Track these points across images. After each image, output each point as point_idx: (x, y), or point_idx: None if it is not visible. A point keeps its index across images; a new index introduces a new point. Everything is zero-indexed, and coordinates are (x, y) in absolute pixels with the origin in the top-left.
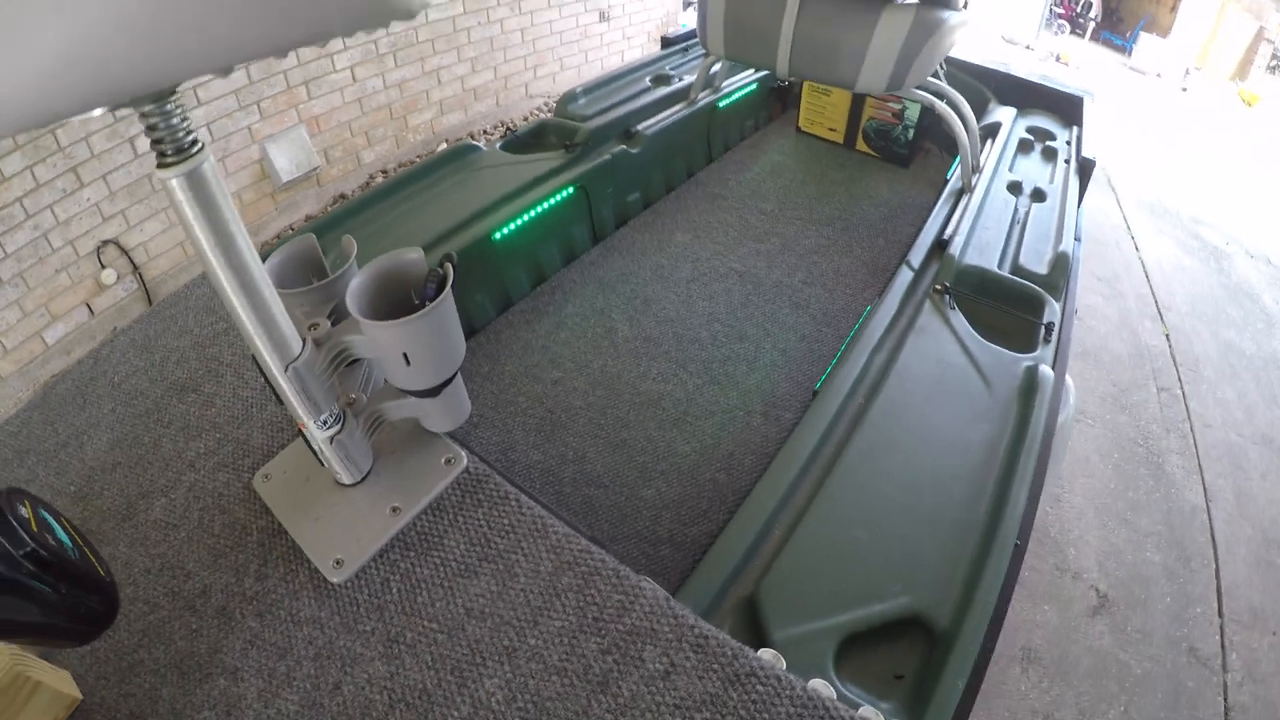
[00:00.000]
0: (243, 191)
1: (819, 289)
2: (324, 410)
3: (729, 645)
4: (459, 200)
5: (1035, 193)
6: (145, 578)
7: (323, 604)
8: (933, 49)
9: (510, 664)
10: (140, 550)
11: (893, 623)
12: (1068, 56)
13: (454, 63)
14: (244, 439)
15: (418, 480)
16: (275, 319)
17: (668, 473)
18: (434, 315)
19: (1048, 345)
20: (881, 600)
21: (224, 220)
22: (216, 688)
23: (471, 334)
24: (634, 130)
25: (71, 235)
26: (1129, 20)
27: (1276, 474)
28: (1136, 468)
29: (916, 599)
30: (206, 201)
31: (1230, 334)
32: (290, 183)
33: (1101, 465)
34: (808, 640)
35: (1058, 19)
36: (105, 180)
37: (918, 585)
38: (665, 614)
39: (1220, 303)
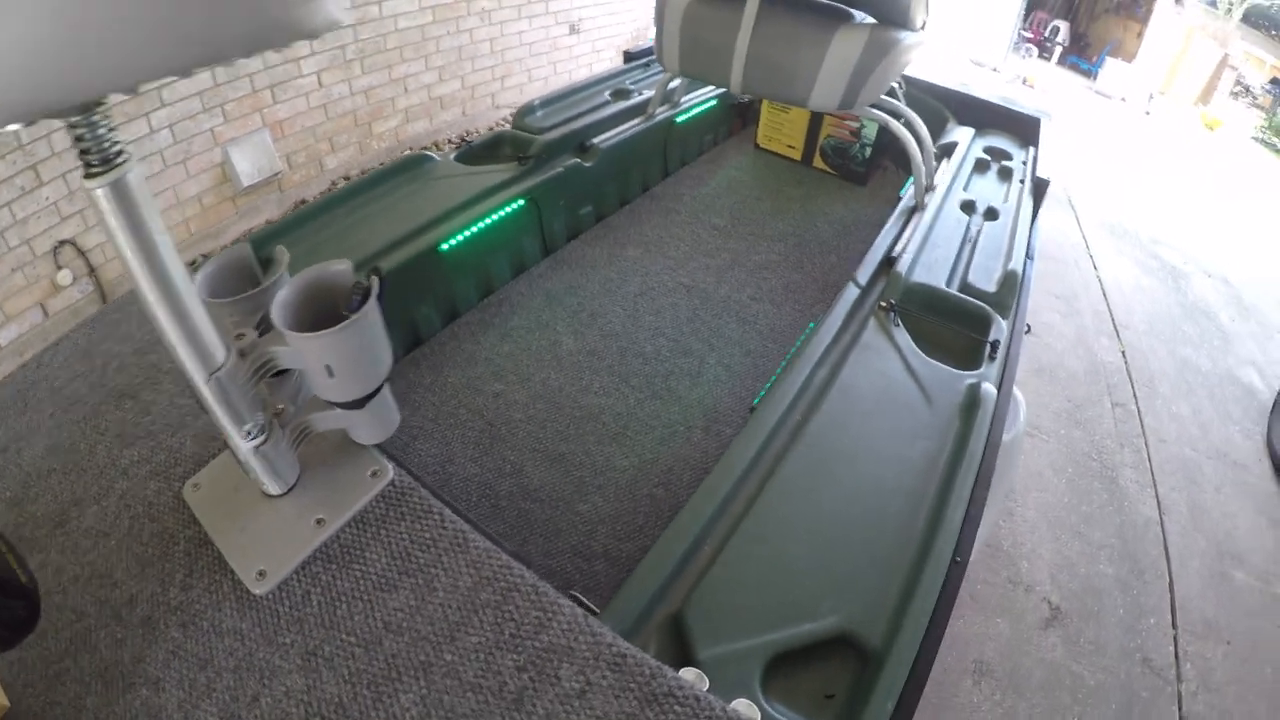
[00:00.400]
0: (203, 194)
1: (767, 304)
2: (247, 421)
3: (647, 664)
4: (410, 210)
5: (988, 211)
6: (74, 585)
7: (244, 615)
8: (886, 69)
9: (426, 679)
10: (71, 558)
11: (823, 641)
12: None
13: (421, 70)
14: (177, 447)
15: (343, 492)
16: (198, 329)
17: (605, 487)
18: (356, 328)
19: (993, 363)
20: (813, 618)
21: (148, 230)
22: (139, 698)
23: (417, 344)
24: (589, 144)
25: (29, 234)
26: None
27: (1230, 487)
28: (1090, 481)
29: (848, 617)
30: (131, 211)
31: (1187, 351)
32: (251, 187)
33: (1055, 479)
34: (734, 659)
35: (1025, 43)
36: (65, 179)
37: (850, 603)
38: (583, 631)
39: (1177, 321)
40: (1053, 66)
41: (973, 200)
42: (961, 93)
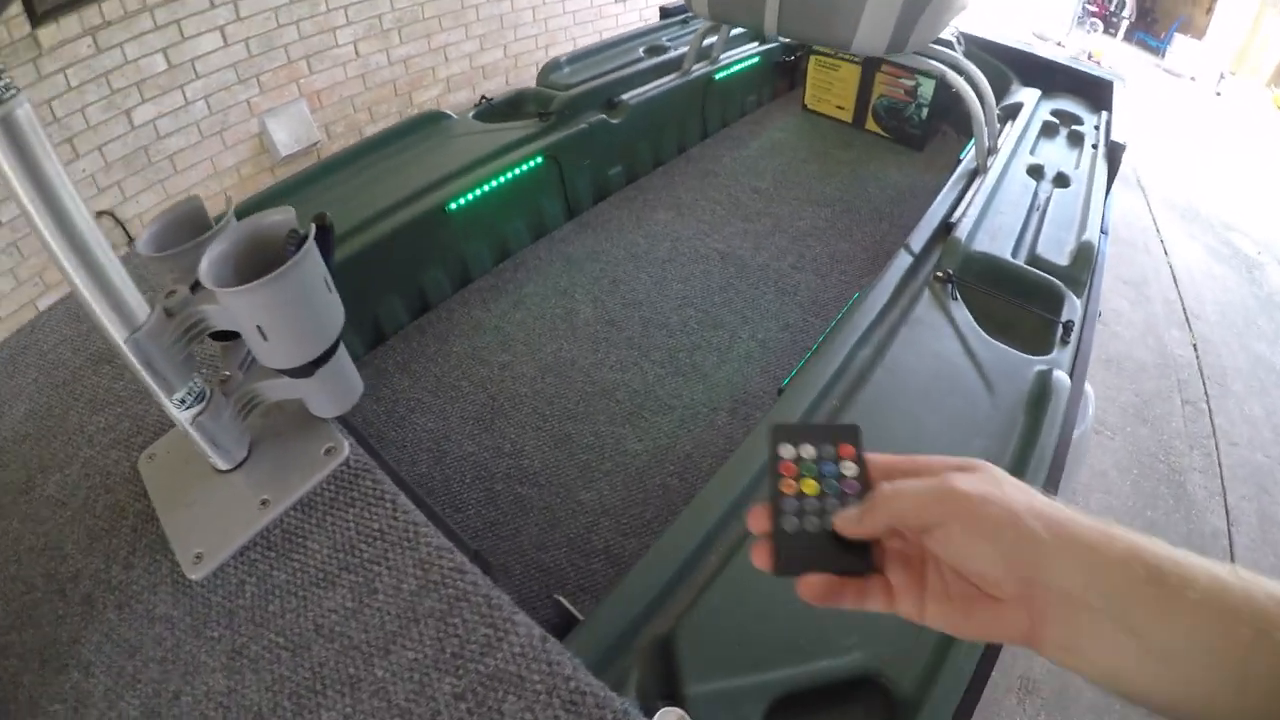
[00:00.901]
0: (241, 165)
1: (810, 274)
2: (178, 388)
3: (612, 707)
4: (420, 169)
5: (1058, 178)
6: (29, 556)
7: (177, 601)
8: (942, 6)
9: (352, 696)
10: (30, 527)
11: (842, 683)
12: (1099, 54)
13: (461, 39)
14: (141, 415)
15: (293, 471)
16: (111, 283)
17: (612, 474)
18: (286, 281)
19: (1065, 347)
20: (830, 654)
21: (45, 173)
22: (70, 680)
23: (425, 310)
24: (617, 100)
25: None
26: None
27: None
28: (1156, 485)
29: (875, 655)
30: (24, 150)
31: (1260, 347)
32: (290, 157)
33: (1120, 480)
34: (730, 698)
35: (1090, 16)
36: (101, 151)
37: (878, 639)
38: (538, 658)
39: (1251, 313)
40: (1118, 42)
41: (1041, 165)
42: (1026, 51)
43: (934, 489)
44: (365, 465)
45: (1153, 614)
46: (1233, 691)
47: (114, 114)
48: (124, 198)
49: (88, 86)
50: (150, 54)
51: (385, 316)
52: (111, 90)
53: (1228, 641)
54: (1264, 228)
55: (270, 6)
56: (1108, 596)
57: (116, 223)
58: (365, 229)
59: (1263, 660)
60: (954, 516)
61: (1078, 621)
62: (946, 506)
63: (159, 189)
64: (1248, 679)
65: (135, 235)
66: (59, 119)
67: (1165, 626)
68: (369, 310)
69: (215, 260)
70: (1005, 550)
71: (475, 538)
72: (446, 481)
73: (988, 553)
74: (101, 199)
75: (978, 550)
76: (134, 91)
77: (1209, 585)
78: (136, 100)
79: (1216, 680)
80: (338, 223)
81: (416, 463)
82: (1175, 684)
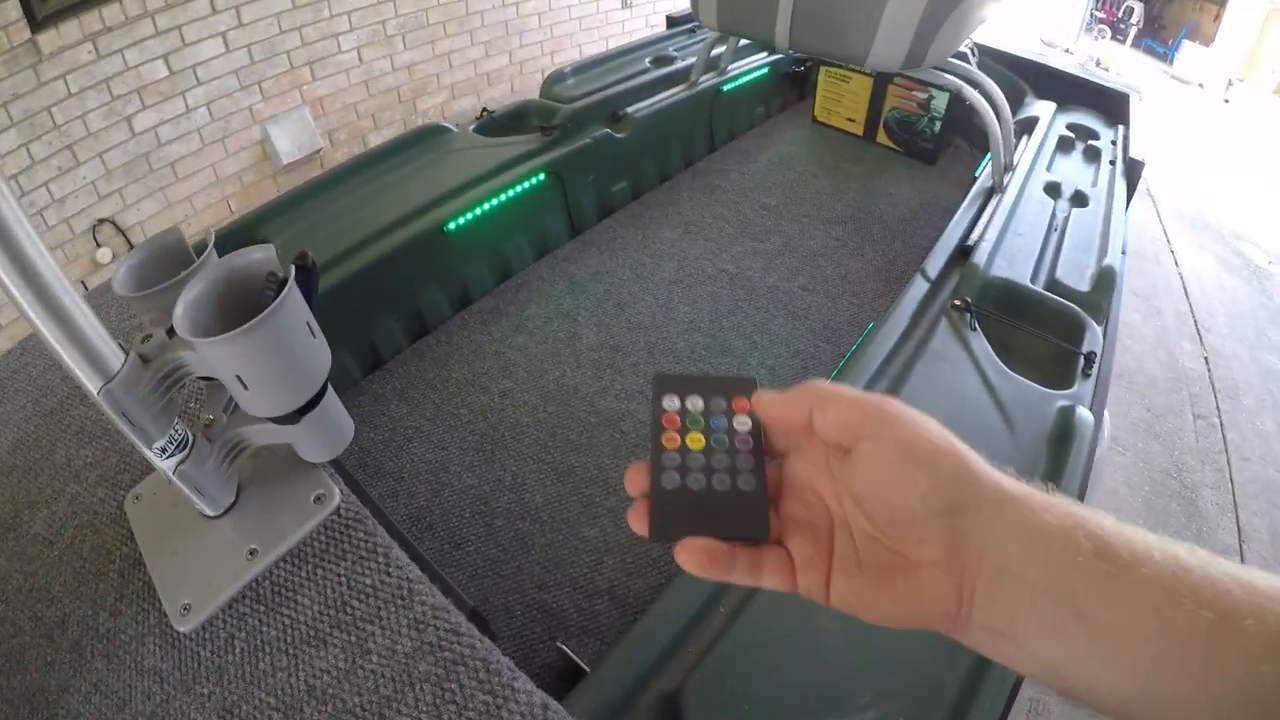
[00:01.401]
0: (243, 173)
1: (821, 296)
2: (158, 437)
3: None
4: (418, 186)
5: (1076, 196)
6: (17, 597)
7: (166, 654)
8: (960, 19)
9: None
10: (17, 566)
11: None
12: (1108, 61)
13: (466, 46)
14: (128, 450)
15: (281, 519)
16: (81, 332)
17: (617, 510)
18: (264, 330)
19: (1086, 380)
20: (844, 713)
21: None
22: None
23: (423, 334)
24: (622, 113)
25: (67, 213)
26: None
27: None
28: (1168, 502)
29: (891, 713)
30: None
31: (1272, 359)
32: (292, 164)
33: (1131, 498)
34: None
35: (1098, 23)
36: (102, 159)
37: (898, 692)
38: None
39: (1262, 325)
40: (1126, 49)
41: (1058, 183)
42: (1039, 63)
43: (874, 399)
44: (357, 514)
45: (1100, 593)
46: (1193, 687)
47: (114, 121)
48: (124, 205)
49: (88, 93)
50: (151, 60)
51: (383, 340)
52: (112, 96)
53: (1188, 628)
54: (1274, 237)
55: (273, 12)
56: (1047, 570)
57: (117, 230)
58: (361, 250)
59: (1229, 651)
60: (889, 432)
61: (1012, 598)
62: (884, 421)
63: (160, 196)
64: (1211, 672)
65: (136, 243)
66: (59, 126)
67: (1115, 608)
68: (366, 334)
69: (191, 305)
70: (940, 483)
71: (475, 576)
72: (445, 515)
73: (920, 483)
74: (102, 206)
75: (909, 478)
76: (135, 98)
77: (1164, 563)
78: (137, 107)
79: (1175, 673)
80: (332, 243)
81: (414, 495)
82: (1126, 677)
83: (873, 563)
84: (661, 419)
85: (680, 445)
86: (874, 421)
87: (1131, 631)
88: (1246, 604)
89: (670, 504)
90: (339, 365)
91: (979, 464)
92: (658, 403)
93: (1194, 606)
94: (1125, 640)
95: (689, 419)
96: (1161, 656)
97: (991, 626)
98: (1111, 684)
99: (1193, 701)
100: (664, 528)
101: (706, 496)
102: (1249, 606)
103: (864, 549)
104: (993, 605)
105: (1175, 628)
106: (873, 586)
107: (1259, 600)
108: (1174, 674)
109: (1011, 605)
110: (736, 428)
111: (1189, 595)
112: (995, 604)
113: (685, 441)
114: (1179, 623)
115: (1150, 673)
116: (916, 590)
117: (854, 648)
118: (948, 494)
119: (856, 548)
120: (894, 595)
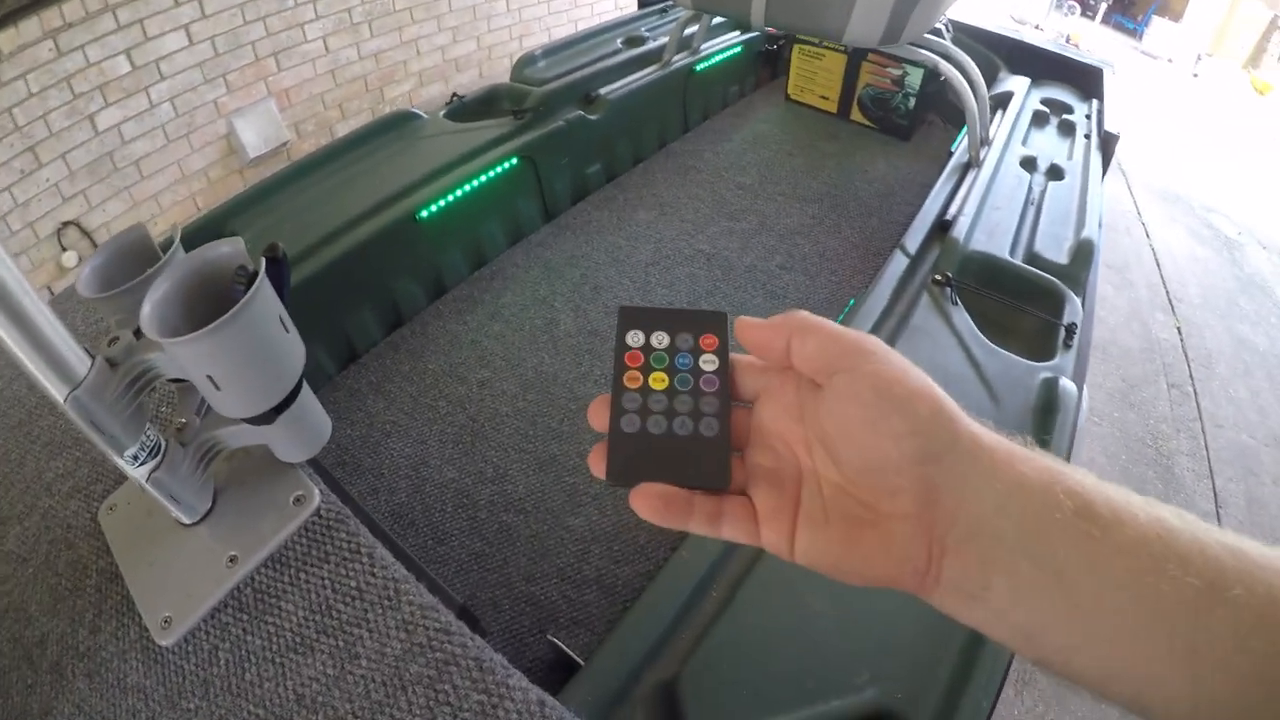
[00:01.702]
0: (209, 168)
1: (799, 275)
2: (129, 444)
3: None
4: (389, 174)
5: (1052, 170)
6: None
7: (149, 670)
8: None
9: None
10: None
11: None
12: (1078, 38)
13: (434, 32)
14: (100, 459)
15: (260, 524)
16: (44, 337)
17: (601, 497)
18: (234, 327)
19: (1068, 351)
20: (842, 693)
21: None
22: None
23: (398, 325)
24: (594, 95)
25: (30, 217)
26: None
27: None
28: (1145, 469)
29: (888, 692)
30: None
31: (1244, 329)
32: (259, 158)
33: (1109, 466)
34: None
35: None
36: (65, 159)
37: (892, 672)
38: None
39: (1233, 295)
40: (1096, 25)
41: (1034, 156)
42: (1013, 38)
43: (855, 334)
44: (339, 515)
45: (1081, 555)
46: (1179, 658)
47: (77, 119)
48: (89, 206)
49: (50, 92)
50: (113, 56)
51: (357, 333)
52: (74, 95)
53: (1173, 595)
54: (1243, 209)
55: (236, 3)
56: (1024, 527)
57: (83, 233)
58: (332, 241)
59: (1218, 622)
60: (867, 367)
61: (987, 555)
62: (862, 355)
63: (125, 196)
64: (1197, 646)
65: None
66: (20, 127)
67: (1095, 571)
68: (339, 327)
69: (158, 303)
70: (916, 426)
71: (461, 571)
72: (427, 511)
73: (895, 425)
74: (67, 209)
75: (884, 418)
76: (97, 95)
77: (1149, 525)
78: (100, 104)
79: (1159, 643)
80: (303, 235)
81: (395, 491)
82: (1106, 649)
83: (840, 516)
84: (625, 356)
85: (642, 385)
86: (852, 355)
87: (1113, 598)
88: (1235, 572)
89: (629, 447)
90: (312, 360)
91: (956, 411)
92: (621, 338)
93: (1179, 573)
94: (1106, 607)
95: (653, 356)
96: (1145, 627)
97: (964, 587)
98: (1091, 656)
99: (1175, 676)
100: (622, 472)
101: (667, 441)
102: (1238, 574)
103: (832, 501)
104: (965, 563)
105: (1159, 595)
106: (839, 542)
107: (1249, 568)
108: (1157, 647)
109: (986, 563)
110: (703, 367)
111: (1175, 561)
112: (968, 562)
113: (648, 381)
114: (1163, 590)
115: (1132, 644)
116: (885, 545)
117: (847, 629)
118: (922, 439)
119: (824, 500)
120: (861, 551)
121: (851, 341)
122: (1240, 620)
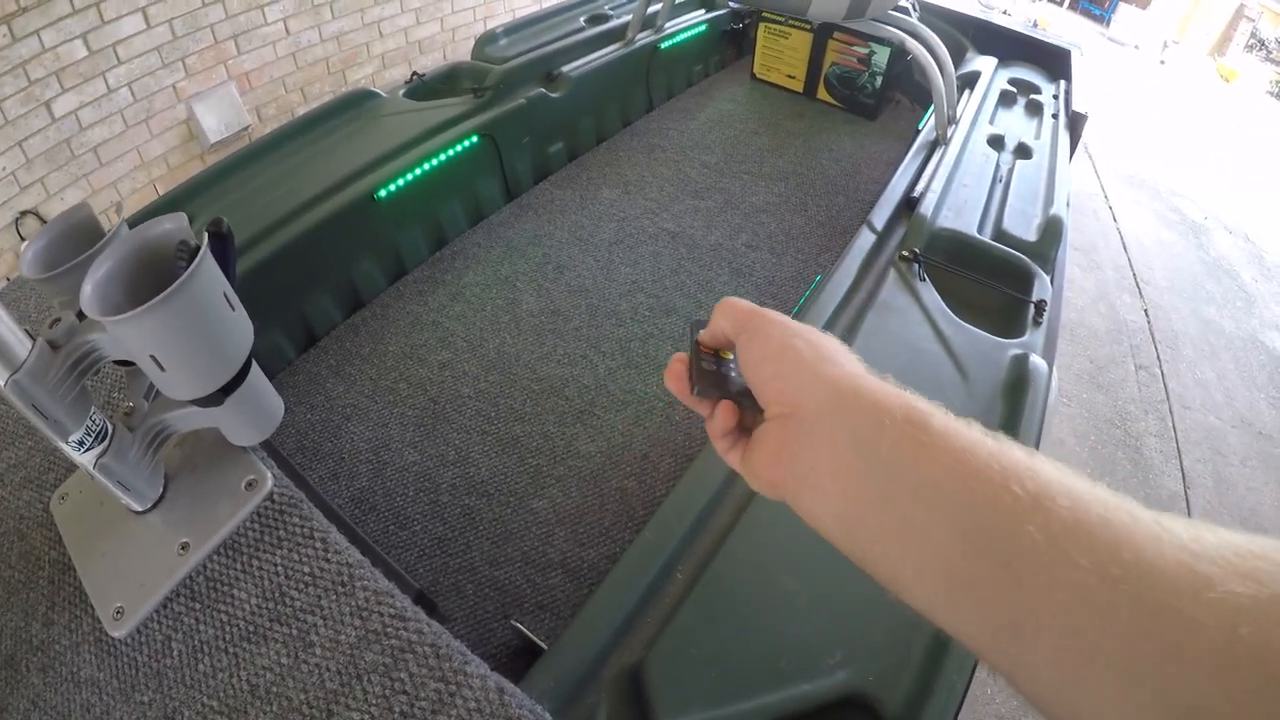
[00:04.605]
0: (169, 154)
1: (765, 253)
2: (73, 429)
3: None
4: (347, 154)
5: (1019, 148)
6: None
7: (103, 662)
8: None
9: None
10: None
11: (828, 706)
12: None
13: (396, 13)
14: (53, 448)
15: (212, 509)
16: None
17: (565, 479)
18: (176, 303)
19: (1038, 329)
20: (813, 676)
21: None
22: None
23: (358, 307)
24: (557, 72)
25: None
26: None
27: (1256, 460)
28: (1114, 450)
29: (861, 673)
30: None
31: (1210, 311)
32: (220, 143)
33: (1078, 447)
34: None
35: None
36: (21, 147)
37: (864, 654)
38: (496, 714)
39: (1199, 278)
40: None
41: (1001, 135)
42: (981, 19)
43: (751, 307)
44: (292, 499)
45: (906, 453)
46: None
47: (33, 106)
48: (48, 195)
49: (4, 78)
50: (69, 40)
51: (315, 316)
52: (29, 81)
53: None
54: (1209, 194)
55: None
56: (854, 424)
57: (41, 222)
58: (289, 222)
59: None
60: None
61: (818, 439)
62: (751, 319)
63: (84, 184)
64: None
65: None
66: None
67: (918, 468)
68: (297, 310)
69: (100, 282)
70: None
71: (423, 557)
72: (389, 495)
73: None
74: (24, 198)
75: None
76: (53, 81)
77: (979, 439)
78: (56, 90)
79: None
80: (259, 217)
81: (356, 476)
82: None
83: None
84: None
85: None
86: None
87: (934, 498)
88: (1060, 484)
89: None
90: (271, 344)
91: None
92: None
93: (1003, 481)
94: (926, 506)
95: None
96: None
97: (796, 469)
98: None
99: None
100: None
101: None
102: (1062, 487)
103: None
104: (799, 446)
105: (982, 500)
106: (750, 450)
107: (1071, 482)
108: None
109: (815, 446)
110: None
111: (998, 469)
112: (801, 445)
113: (718, 351)
114: (987, 495)
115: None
116: (765, 447)
117: (818, 608)
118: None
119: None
120: (757, 454)
121: (746, 310)
122: (1063, 531)
